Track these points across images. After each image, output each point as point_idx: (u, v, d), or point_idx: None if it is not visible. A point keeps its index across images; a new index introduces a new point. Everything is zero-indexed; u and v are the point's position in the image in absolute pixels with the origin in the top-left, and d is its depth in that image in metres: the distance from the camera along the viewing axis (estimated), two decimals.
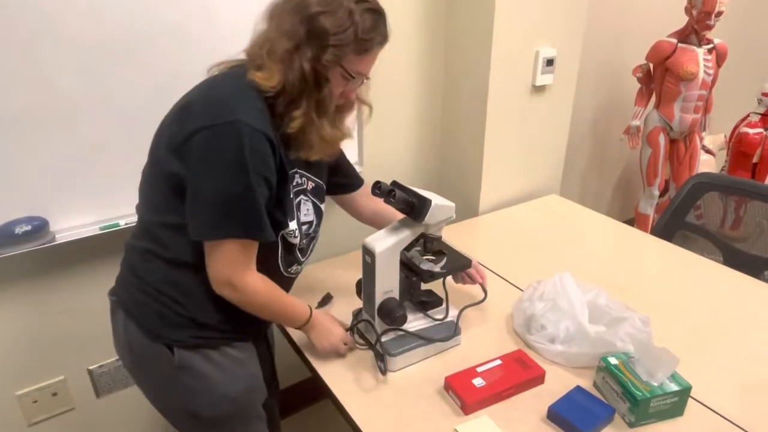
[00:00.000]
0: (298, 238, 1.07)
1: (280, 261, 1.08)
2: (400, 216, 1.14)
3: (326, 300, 1.36)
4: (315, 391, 1.20)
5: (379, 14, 0.98)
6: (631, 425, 1.01)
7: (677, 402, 1.02)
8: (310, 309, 1.13)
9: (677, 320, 1.32)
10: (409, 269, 1.17)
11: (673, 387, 1.01)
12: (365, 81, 1.06)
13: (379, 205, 1.20)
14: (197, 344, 1.04)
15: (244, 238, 0.96)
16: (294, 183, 1.05)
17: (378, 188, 1.08)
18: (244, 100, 0.93)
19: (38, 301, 1.40)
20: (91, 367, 1.54)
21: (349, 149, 1.70)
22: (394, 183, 1.11)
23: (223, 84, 0.99)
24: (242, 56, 1.01)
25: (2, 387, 1.42)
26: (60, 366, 1.49)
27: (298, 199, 1.07)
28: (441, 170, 2.03)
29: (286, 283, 1.13)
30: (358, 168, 1.73)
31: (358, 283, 1.20)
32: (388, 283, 1.11)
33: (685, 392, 1.02)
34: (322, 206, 1.17)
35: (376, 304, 1.12)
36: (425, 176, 2.01)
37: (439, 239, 1.17)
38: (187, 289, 1.01)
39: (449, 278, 1.25)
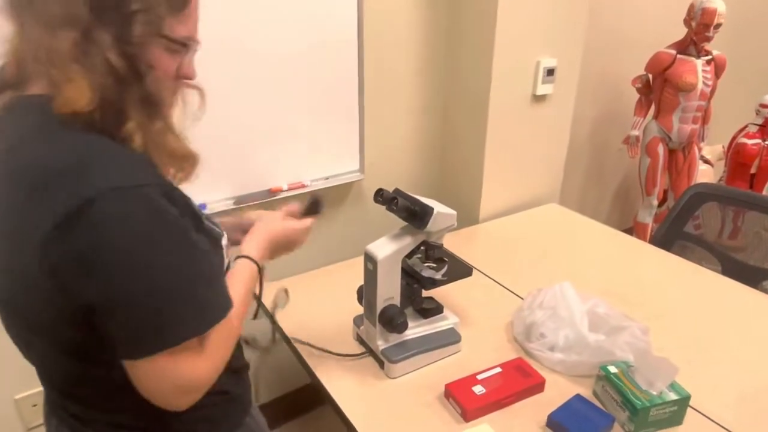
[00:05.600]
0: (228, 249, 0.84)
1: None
2: None
3: (315, 207, 1.02)
4: (315, 396, 1.20)
5: None
6: None
7: (676, 411, 1.03)
8: (249, 258, 0.85)
9: (676, 330, 1.33)
10: (410, 276, 1.18)
11: (673, 396, 1.01)
12: (197, 48, 0.74)
13: None
14: (241, 418, 0.89)
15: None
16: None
17: (380, 196, 1.08)
18: (98, 152, 0.62)
19: None
20: None
21: (350, 157, 1.72)
22: (397, 191, 1.12)
23: (32, 142, 0.63)
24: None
25: (1, 391, 1.42)
26: None
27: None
28: (441, 178, 2.04)
29: None
30: (358, 176, 1.75)
31: (360, 290, 1.21)
32: (389, 290, 1.12)
33: (684, 401, 1.02)
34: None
35: (377, 310, 1.12)
36: (426, 184, 2.02)
37: (440, 247, 1.18)
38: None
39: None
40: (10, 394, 1.43)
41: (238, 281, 0.80)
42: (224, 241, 0.82)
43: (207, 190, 1.47)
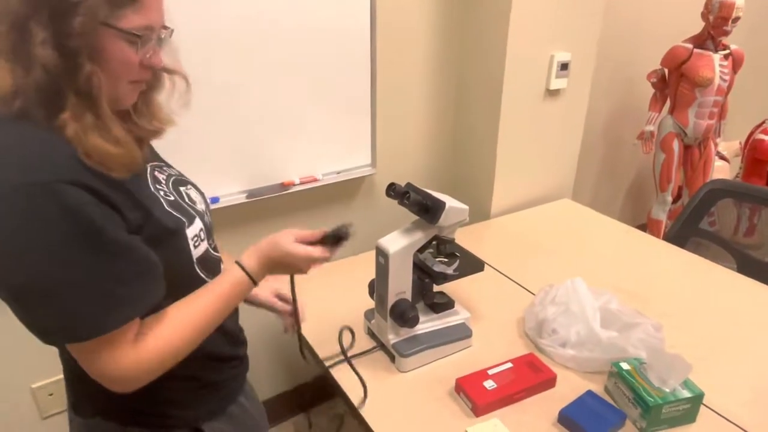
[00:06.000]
0: (205, 239, 0.83)
1: (204, 278, 0.83)
2: None
3: (334, 238, 0.92)
4: (326, 389, 1.21)
5: None
6: (642, 431, 1.01)
7: (689, 409, 1.02)
8: (241, 267, 0.83)
9: (690, 327, 1.31)
10: (421, 271, 1.18)
11: (686, 394, 1.01)
12: (166, 34, 0.72)
13: None
14: (222, 406, 0.91)
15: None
16: (160, 180, 0.80)
17: (392, 190, 1.08)
18: (5, 148, 0.64)
19: None
20: None
21: (362, 151, 1.72)
22: (409, 185, 1.12)
23: None
24: None
25: (18, 380, 1.44)
26: None
27: (183, 192, 0.84)
28: (453, 173, 2.04)
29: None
30: (370, 170, 1.75)
31: (371, 284, 1.21)
32: (400, 285, 1.12)
33: (697, 399, 1.02)
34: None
35: (389, 304, 1.12)
36: (437, 179, 2.01)
37: (452, 241, 1.18)
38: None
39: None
40: (27, 383, 1.45)
41: (209, 291, 0.79)
42: (196, 225, 0.80)
43: (219, 184, 1.48)
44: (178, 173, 0.90)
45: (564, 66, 1.82)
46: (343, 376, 1.14)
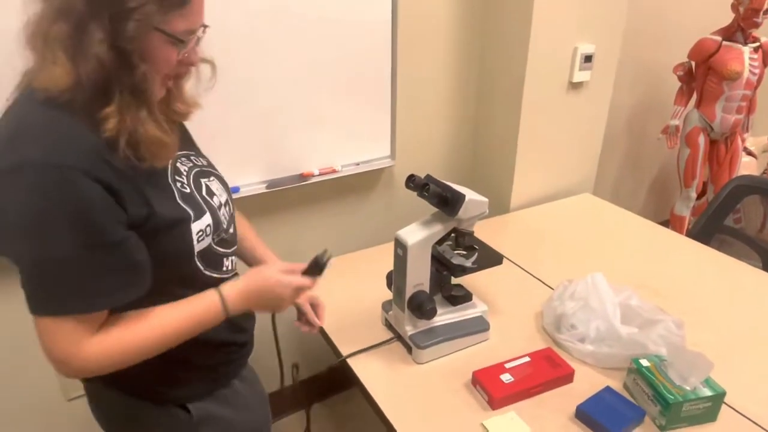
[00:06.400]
0: (210, 234, 0.84)
1: (203, 271, 0.85)
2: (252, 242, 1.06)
3: (315, 267, 0.92)
4: (343, 379, 1.22)
5: None
6: (661, 429, 0.99)
7: (710, 407, 1.00)
8: (220, 296, 0.83)
9: (712, 325, 1.29)
10: (440, 263, 1.18)
11: (707, 392, 0.99)
12: (203, 33, 0.77)
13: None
14: (210, 388, 0.94)
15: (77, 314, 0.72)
16: (181, 172, 0.84)
17: (412, 182, 1.08)
18: (41, 127, 0.69)
19: None
20: None
21: (382, 143, 1.72)
22: (428, 177, 1.11)
23: (12, 107, 0.73)
24: None
25: (43, 363, 1.48)
26: None
27: (203, 184, 0.87)
28: (473, 165, 2.03)
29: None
30: (389, 162, 1.75)
31: (389, 275, 1.21)
32: (418, 276, 1.12)
33: (719, 398, 1.00)
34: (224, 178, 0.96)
35: (406, 296, 1.13)
36: (456, 171, 2.00)
37: (471, 234, 1.17)
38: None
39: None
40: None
41: (182, 309, 0.81)
42: (204, 220, 0.82)
43: (239, 174, 1.49)
44: (205, 163, 0.92)
45: (588, 58, 1.79)
46: (360, 366, 1.15)
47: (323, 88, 1.54)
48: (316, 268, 0.93)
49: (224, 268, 0.90)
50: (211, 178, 0.90)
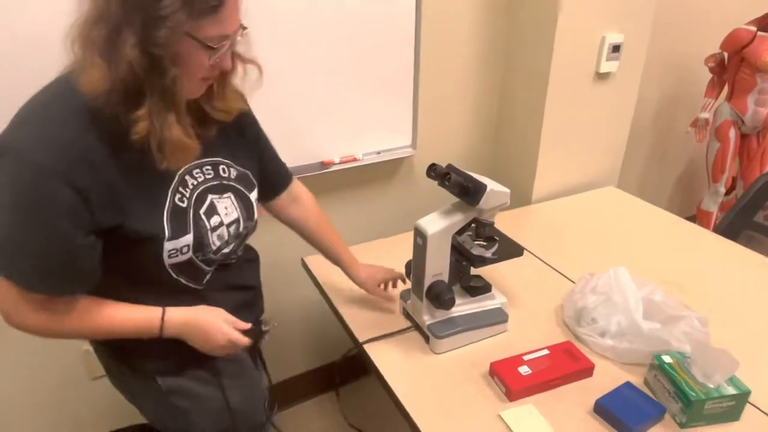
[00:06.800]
0: (188, 253, 0.86)
1: (176, 278, 0.89)
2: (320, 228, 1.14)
3: (255, 332, 1.00)
4: (360, 367, 1.22)
5: None
6: (682, 426, 0.98)
7: (734, 406, 0.98)
8: (162, 315, 0.89)
9: (738, 323, 1.26)
10: (459, 253, 1.17)
11: (731, 390, 0.97)
12: (241, 35, 0.80)
13: (301, 212, 1.16)
14: (178, 366, 0.98)
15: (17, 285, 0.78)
16: (188, 184, 0.86)
17: (433, 171, 1.08)
18: (42, 117, 0.74)
19: None
20: None
21: (403, 132, 1.71)
22: (450, 166, 1.10)
23: (42, 91, 0.78)
24: None
25: (69, 343, 1.52)
26: None
27: (207, 201, 0.89)
28: (495, 156, 2.00)
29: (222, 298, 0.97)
30: (410, 151, 1.74)
31: (408, 264, 1.21)
32: (438, 266, 1.12)
33: (743, 396, 0.98)
34: (252, 195, 0.98)
35: (425, 286, 1.12)
36: (478, 161, 1.98)
37: (491, 225, 1.16)
38: None
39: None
40: (79, 345, 1.53)
41: (124, 312, 0.87)
42: (182, 240, 0.85)
43: None
44: (232, 176, 0.94)
45: (615, 48, 1.75)
46: (377, 354, 1.15)
47: (345, 77, 1.54)
48: (253, 333, 0.99)
49: (204, 281, 0.94)
50: (225, 195, 0.92)
